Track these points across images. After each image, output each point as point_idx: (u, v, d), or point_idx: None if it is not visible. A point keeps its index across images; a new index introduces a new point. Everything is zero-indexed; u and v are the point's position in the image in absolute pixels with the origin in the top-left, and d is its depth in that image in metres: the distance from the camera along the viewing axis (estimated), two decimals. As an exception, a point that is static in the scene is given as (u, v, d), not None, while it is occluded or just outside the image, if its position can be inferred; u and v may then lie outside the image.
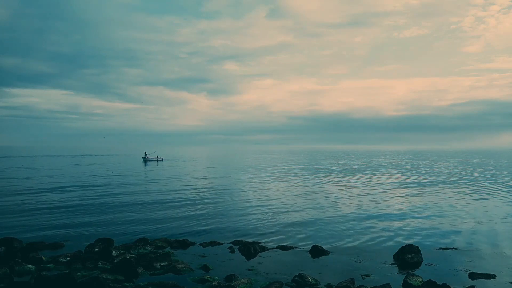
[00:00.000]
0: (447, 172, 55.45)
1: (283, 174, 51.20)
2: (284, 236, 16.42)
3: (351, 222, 19.39)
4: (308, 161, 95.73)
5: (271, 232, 17.17)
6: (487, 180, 43.39)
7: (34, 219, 19.54)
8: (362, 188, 34.91)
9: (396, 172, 56.16)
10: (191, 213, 21.74)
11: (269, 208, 23.37)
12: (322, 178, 45.81)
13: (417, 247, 13.25)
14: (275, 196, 29.21)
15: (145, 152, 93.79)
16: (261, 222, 19.30)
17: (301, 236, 16.58)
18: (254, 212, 22.22)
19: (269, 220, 19.80)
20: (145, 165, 71.27)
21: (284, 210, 22.90)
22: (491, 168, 66.80)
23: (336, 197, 28.54)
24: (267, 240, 15.74)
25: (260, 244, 14.66)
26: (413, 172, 56.31)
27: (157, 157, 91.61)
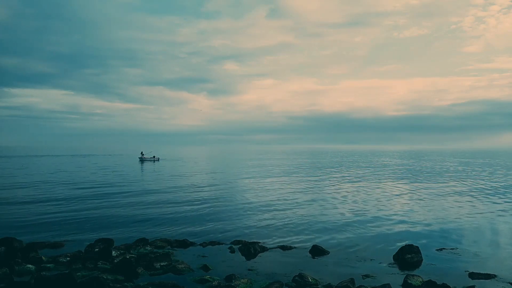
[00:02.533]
0: (449, 172, 55.45)
1: (283, 174, 51.20)
2: (284, 236, 16.42)
3: (351, 222, 19.39)
4: (309, 161, 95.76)
5: (271, 232, 17.17)
6: (490, 180, 43.41)
7: (34, 219, 19.54)
8: (363, 188, 34.90)
9: (396, 172, 56.15)
10: (191, 213, 21.74)
11: (269, 208, 23.37)
12: (322, 178, 45.81)
13: (417, 247, 13.25)
14: (275, 196, 29.21)
15: (141, 152, 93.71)
16: (261, 222, 19.30)
17: (301, 236, 16.58)
18: (254, 212, 22.23)
19: (269, 220, 19.79)
20: (142, 165, 71.18)
21: (284, 210, 22.90)
22: (494, 168, 66.82)
23: (336, 197, 28.53)
24: (267, 240, 15.74)
25: (260, 244, 14.65)
26: (414, 172, 56.30)
27: (154, 157, 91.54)
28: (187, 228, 17.93)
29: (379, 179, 43.65)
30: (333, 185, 37.22)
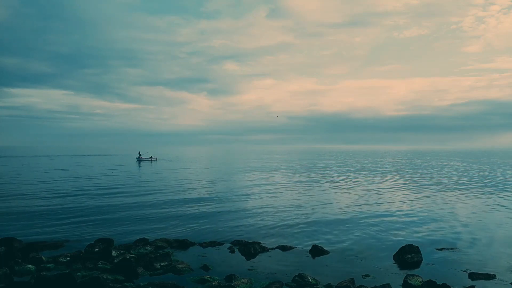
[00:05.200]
0: (451, 172, 55.43)
1: (283, 174, 51.19)
2: (284, 236, 16.42)
3: (351, 222, 19.39)
4: (309, 161, 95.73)
5: (271, 232, 17.17)
6: (491, 180, 43.40)
7: (34, 219, 19.54)
8: (363, 188, 34.90)
9: (396, 172, 56.14)
10: (191, 213, 21.74)
11: (269, 208, 23.36)
12: (322, 178, 45.80)
13: (417, 247, 13.25)
14: (275, 196, 29.21)
15: (139, 153, 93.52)
16: (261, 222, 19.29)
17: (301, 236, 16.58)
18: (254, 212, 22.22)
19: (269, 220, 19.79)
20: (139, 166, 70.90)
21: (284, 210, 22.89)
22: (496, 168, 66.78)
23: (336, 197, 28.53)
24: (267, 240, 15.74)
25: (260, 244, 14.65)
26: (415, 172, 56.28)
27: (151, 157, 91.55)
28: (187, 228, 17.93)
29: (379, 179, 43.63)
30: (333, 186, 37.21)
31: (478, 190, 33.55)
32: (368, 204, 25.11)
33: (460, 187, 35.56)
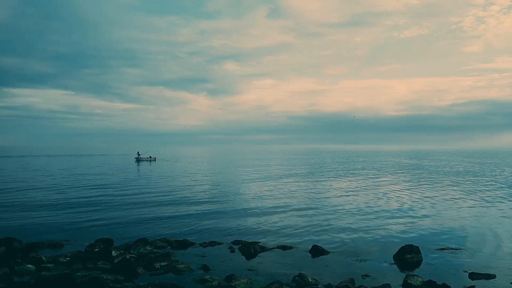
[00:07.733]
0: (450, 172, 55.44)
1: (283, 174, 51.20)
2: (284, 236, 16.42)
3: (351, 222, 19.39)
4: (309, 161, 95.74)
5: (271, 232, 17.17)
6: (492, 180, 43.40)
7: (34, 219, 19.54)
8: (363, 188, 34.91)
9: (397, 172, 56.15)
10: (191, 213, 21.74)
11: (269, 208, 23.37)
12: (322, 178, 45.81)
13: (417, 247, 13.25)
14: (275, 196, 29.21)
15: (138, 152, 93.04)
16: (261, 222, 19.30)
17: (301, 236, 16.58)
18: (254, 212, 22.23)
19: (269, 220, 19.80)
20: (138, 166, 70.79)
21: (284, 210, 22.90)
22: (497, 168, 66.79)
23: (336, 197, 28.53)
24: (267, 240, 15.74)
25: (260, 244, 14.66)
26: (414, 172, 56.30)
27: (150, 157, 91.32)
28: (187, 228, 17.93)
29: (379, 179, 43.64)
30: (333, 186, 37.21)
31: (479, 190, 33.54)
32: (368, 204, 25.11)
33: (460, 187, 35.56)
